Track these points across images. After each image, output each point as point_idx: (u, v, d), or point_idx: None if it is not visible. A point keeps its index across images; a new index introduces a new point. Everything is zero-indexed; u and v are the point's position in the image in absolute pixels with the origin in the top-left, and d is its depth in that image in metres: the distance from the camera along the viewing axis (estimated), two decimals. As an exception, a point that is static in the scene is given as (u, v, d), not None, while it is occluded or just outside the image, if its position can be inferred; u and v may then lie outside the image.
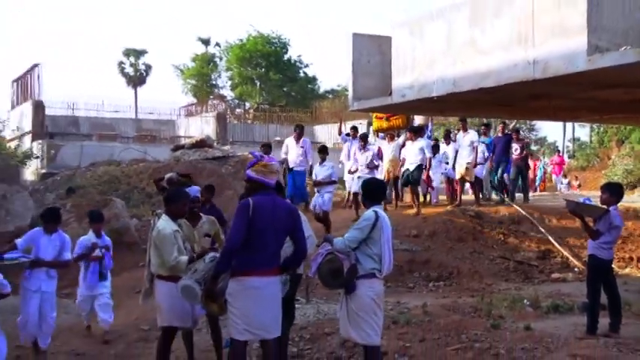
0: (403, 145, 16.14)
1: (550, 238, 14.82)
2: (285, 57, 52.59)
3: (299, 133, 16.34)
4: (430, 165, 15.81)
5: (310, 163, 16.62)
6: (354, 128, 18.06)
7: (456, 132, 19.28)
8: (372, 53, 12.51)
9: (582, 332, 8.11)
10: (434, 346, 7.67)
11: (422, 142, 15.56)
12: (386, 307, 7.41)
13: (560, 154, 36.30)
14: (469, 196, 18.62)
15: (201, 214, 8.16)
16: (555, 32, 8.56)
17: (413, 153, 15.50)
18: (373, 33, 12.76)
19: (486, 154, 17.33)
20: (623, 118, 16.42)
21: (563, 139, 49.96)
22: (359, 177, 15.31)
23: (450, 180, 17.51)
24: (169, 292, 6.88)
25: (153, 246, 7.04)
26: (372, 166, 15.70)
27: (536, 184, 28.98)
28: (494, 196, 18.18)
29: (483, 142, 17.52)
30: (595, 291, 8.27)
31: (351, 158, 16.98)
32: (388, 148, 16.44)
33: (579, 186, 29.84)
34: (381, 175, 16.05)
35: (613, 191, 8.41)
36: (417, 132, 15.88)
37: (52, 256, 8.51)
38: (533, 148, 50.54)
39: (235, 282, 5.94)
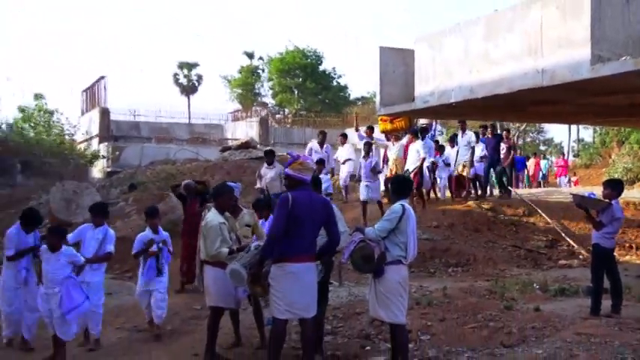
0: (407, 146, 15.76)
1: (557, 228, 14.66)
2: (320, 68, 52.59)
3: (322, 139, 16.39)
4: (423, 164, 15.15)
5: (332, 167, 17.31)
6: (371, 128, 17.51)
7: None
8: (397, 64, 12.50)
9: (587, 313, 8.02)
10: (453, 325, 7.67)
11: (418, 144, 15.14)
12: (410, 290, 7.38)
13: (564, 157, 35.76)
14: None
15: (241, 206, 8.15)
16: (562, 44, 8.49)
17: (412, 154, 15.17)
18: (398, 47, 12.76)
19: (485, 153, 16.97)
20: (624, 121, 16.18)
21: (569, 139, 49.40)
22: (366, 185, 14.47)
23: (456, 178, 17.27)
24: (215, 276, 6.95)
25: (202, 235, 7.10)
26: (376, 172, 15.29)
27: (540, 180, 28.70)
28: (495, 192, 17.82)
29: (483, 142, 17.24)
30: (598, 276, 8.20)
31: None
32: (393, 149, 15.86)
33: (576, 183, 29.43)
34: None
35: (614, 187, 8.32)
36: (416, 134, 15.48)
37: (94, 248, 8.09)
38: (542, 148, 49.97)
39: (277, 267, 5.96)
